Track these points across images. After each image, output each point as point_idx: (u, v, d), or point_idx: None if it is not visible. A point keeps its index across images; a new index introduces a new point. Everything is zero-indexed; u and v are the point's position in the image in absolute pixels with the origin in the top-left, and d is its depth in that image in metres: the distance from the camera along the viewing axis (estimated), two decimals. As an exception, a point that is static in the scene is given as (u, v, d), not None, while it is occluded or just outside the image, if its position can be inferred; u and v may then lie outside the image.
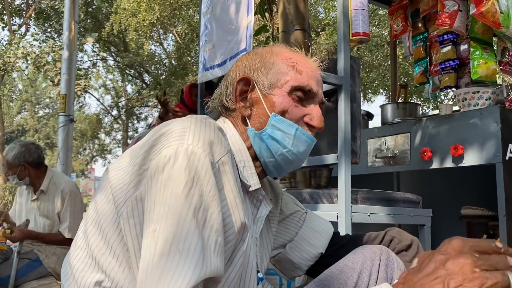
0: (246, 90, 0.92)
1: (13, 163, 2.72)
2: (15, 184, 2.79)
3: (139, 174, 0.74)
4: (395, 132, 2.62)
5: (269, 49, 0.96)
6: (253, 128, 0.90)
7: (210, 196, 0.71)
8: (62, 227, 2.70)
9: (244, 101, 0.92)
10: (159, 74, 16.51)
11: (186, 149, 0.72)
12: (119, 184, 0.77)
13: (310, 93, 0.92)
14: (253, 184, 0.88)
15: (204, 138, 0.75)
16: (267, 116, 0.89)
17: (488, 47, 2.43)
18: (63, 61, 5.09)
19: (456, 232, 2.80)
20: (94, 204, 0.80)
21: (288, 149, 0.89)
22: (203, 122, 0.78)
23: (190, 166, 0.71)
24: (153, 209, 0.69)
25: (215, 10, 2.31)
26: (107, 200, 0.77)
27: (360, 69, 1.92)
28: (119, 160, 0.82)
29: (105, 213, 0.77)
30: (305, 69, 0.92)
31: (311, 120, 0.91)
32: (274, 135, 0.88)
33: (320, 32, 12.83)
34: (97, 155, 23.53)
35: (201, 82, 2.45)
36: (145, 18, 11.68)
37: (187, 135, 0.74)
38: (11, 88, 21.62)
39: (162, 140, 0.75)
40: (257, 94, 0.91)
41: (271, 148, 0.89)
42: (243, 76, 0.92)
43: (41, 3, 14.50)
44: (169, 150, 0.72)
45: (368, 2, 2.20)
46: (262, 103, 0.90)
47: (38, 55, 10.26)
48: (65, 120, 4.85)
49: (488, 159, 2.13)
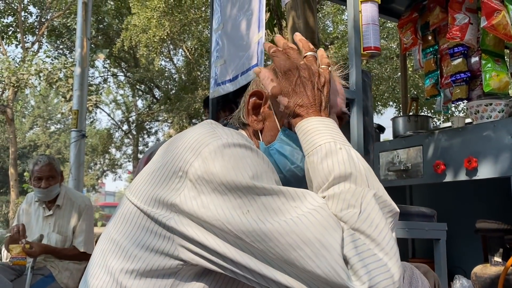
0: (259, 104, 0.90)
1: (58, 172, 2.75)
2: (41, 198, 2.75)
3: (173, 182, 0.70)
4: (407, 145, 2.61)
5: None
6: (263, 142, 0.88)
7: (271, 170, 0.72)
8: (76, 241, 2.72)
9: (257, 115, 0.90)
10: (169, 89, 16.64)
11: (227, 141, 0.70)
12: (144, 198, 0.73)
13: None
14: None
15: (235, 134, 0.74)
16: (277, 130, 0.86)
17: (500, 60, 2.42)
18: (75, 78, 5.17)
19: (471, 246, 2.76)
20: (113, 222, 0.78)
21: (296, 165, 0.85)
22: (224, 128, 0.78)
23: (239, 152, 0.69)
24: (228, 199, 0.66)
25: (226, 26, 2.34)
26: (128, 219, 0.75)
27: (371, 82, 1.92)
28: (137, 180, 0.78)
29: (125, 231, 0.74)
30: None
31: None
32: (282, 150, 0.85)
33: (328, 46, 12.88)
34: (108, 169, 23.65)
35: (212, 97, 2.47)
36: (156, 34, 11.82)
37: (219, 134, 0.72)
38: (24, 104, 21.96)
39: (193, 143, 0.71)
40: (270, 108, 0.89)
41: (279, 163, 0.85)
42: (256, 90, 0.90)
43: (53, 21, 14.78)
44: (210, 146, 0.69)
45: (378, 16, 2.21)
46: (273, 116, 0.87)
47: (51, 72, 10.42)
48: (77, 136, 4.90)
49: (502, 172, 2.11)
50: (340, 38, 12.76)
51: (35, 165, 2.71)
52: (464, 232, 2.68)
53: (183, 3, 11.82)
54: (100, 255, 0.79)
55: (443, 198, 2.94)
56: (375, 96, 13.53)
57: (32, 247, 2.51)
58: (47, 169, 2.70)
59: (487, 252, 2.37)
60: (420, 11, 3.19)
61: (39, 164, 2.70)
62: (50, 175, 2.71)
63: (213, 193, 0.67)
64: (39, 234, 2.68)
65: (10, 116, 13.11)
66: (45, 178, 2.69)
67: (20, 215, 2.88)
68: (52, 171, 2.72)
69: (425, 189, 3.06)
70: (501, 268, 2.13)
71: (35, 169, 2.70)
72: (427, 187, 3.02)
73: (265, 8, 2.06)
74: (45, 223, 2.76)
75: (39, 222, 2.79)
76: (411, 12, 3.21)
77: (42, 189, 2.69)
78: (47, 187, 2.69)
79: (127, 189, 0.81)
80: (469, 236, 2.63)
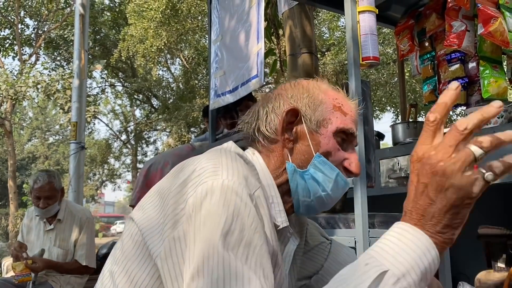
0: (292, 121, 0.89)
1: (58, 190, 2.72)
2: (42, 215, 2.72)
3: (175, 214, 0.72)
4: (408, 152, 2.61)
5: (316, 85, 0.93)
6: (293, 164, 0.87)
7: (252, 230, 0.69)
8: (78, 255, 2.71)
9: (289, 133, 0.88)
10: (167, 98, 16.67)
11: (222, 184, 0.71)
12: (150, 225, 0.75)
13: (352, 137, 0.90)
14: (281, 222, 0.85)
15: (238, 171, 0.74)
16: (310, 154, 0.86)
17: (498, 66, 2.43)
18: (73, 89, 5.17)
19: (474, 252, 2.75)
20: (121, 245, 0.80)
21: (327, 192, 0.86)
22: (233, 157, 0.77)
23: (229, 200, 0.69)
24: (193, 248, 0.68)
25: (225, 38, 2.35)
26: (134, 242, 0.77)
27: (370, 92, 1.92)
28: (144, 202, 0.81)
29: (132, 255, 0.76)
30: (350, 111, 0.91)
31: (350, 166, 0.89)
32: (316, 176, 0.86)
33: (325, 53, 12.93)
34: (107, 180, 23.62)
35: (212, 108, 2.47)
36: (153, 44, 11.87)
37: (220, 171, 0.73)
38: (22, 116, 21.94)
39: (195, 178, 0.73)
40: (304, 129, 0.88)
41: (311, 189, 0.86)
42: (292, 107, 0.88)
43: (50, 33, 14.82)
44: (205, 186, 0.71)
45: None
46: (307, 139, 0.87)
47: (48, 84, 10.43)
48: (77, 148, 4.90)
49: (504, 177, 2.11)
50: (336, 44, 12.82)
51: (35, 183, 2.68)
52: (467, 238, 2.67)
53: (179, 13, 11.87)
54: (109, 277, 0.81)
55: (445, 204, 2.94)
56: (373, 102, 13.57)
57: (35, 263, 2.50)
58: (47, 188, 2.67)
59: (490, 258, 2.36)
60: (416, 18, 3.21)
61: (39, 183, 2.66)
62: (49, 195, 2.68)
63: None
64: (40, 248, 2.67)
65: (8, 129, 13.11)
66: (44, 198, 2.67)
67: (22, 230, 2.87)
68: (51, 190, 2.69)
69: (426, 195, 3.06)
70: (505, 274, 2.13)
71: (35, 187, 2.67)
72: (428, 194, 3.02)
73: (263, 19, 2.08)
74: (46, 237, 2.75)
75: (40, 236, 2.78)
76: (408, 19, 3.23)
77: (40, 209, 2.68)
78: (45, 207, 2.68)
79: (135, 210, 0.82)
80: (472, 242, 2.62)
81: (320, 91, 0.91)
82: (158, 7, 11.40)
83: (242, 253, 0.67)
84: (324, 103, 0.89)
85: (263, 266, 0.68)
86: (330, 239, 1.12)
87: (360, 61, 1.81)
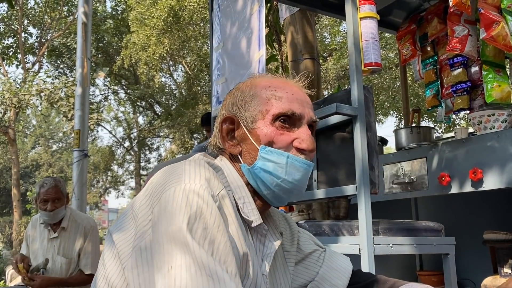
0: (232, 128, 0.93)
1: (64, 194, 2.74)
2: (47, 221, 2.73)
3: (144, 225, 0.77)
4: (411, 157, 2.60)
5: (249, 82, 0.96)
6: (245, 164, 0.90)
7: (215, 228, 0.73)
8: (82, 263, 2.70)
9: (232, 140, 0.93)
10: (170, 104, 16.70)
11: (184, 188, 0.75)
12: (123, 239, 0.80)
13: (294, 117, 0.90)
14: (254, 220, 0.88)
15: (200, 175, 0.78)
16: (256, 150, 0.89)
17: (501, 70, 2.43)
18: (76, 97, 5.19)
19: (480, 257, 2.73)
20: (102, 261, 0.84)
21: (282, 178, 0.88)
22: (197, 163, 0.82)
23: (191, 202, 0.73)
24: (162, 252, 0.71)
25: (226, 45, 2.35)
26: (113, 256, 0.81)
27: (373, 98, 1.92)
28: (121, 218, 0.86)
29: (111, 269, 0.80)
30: (285, 93, 0.91)
31: (300, 144, 0.89)
32: (266, 167, 0.88)
33: (327, 58, 12.94)
34: (110, 187, 23.62)
35: (214, 115, 2.47)
36: (155, 51, 11.90)
37: (183, 177, 0.78)
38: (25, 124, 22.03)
39: (159, 187, 0.78)
40: (243, 131, 0.91)
41: (266, 180, 0.88)
42: (226, 116, 0.93)
43: (53, 41, 14.90)
44: (168, 192, 0.75)
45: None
46: (249, 138, 0.90)
47: (52, 92, 10.47)
48: (80, 155, 4.91)
49: (508, 182, 2.10)
50: (338, 49, 12.82)
51: (41, 187, 2.69)
52: (472, 243, 2.65)
53: (181, 20, 11.92)
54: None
55: (449, 210, 2.92)
56: (376, 106, 13.55)
57: (34, 280, 2.49)
58: (53, 191, 2.68)
59: (496, 263, 2.34)
60: (418, 22, 3.21)
61: (45, 186, 2.69)
62: (56, 198, 2.70)
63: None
64: (44, 258, 2.66)
65: (12, 137, 13.15)
66: (51, 200, 2.68)
67: (27, 240, 2.87)
68: (58, 193, 2.71)
69: (430, 201, 3.04)
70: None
71: (42, 191, 2.68)
72: (433, 199, 3.00)
73: (264, 26, 2.08)
74: (50, 245, 2.75)
75: (43, 245, 2.77)
76: (409, 23, 3.23)
77: (48, 212, 2.67)
78: (53, 210, 2.68)
79: (113, 226, 0.88)
80: (477, 248, 2.60)
81: (252, 87, 0.94)
82: (160, 15, 11.45)
83: (207, 250, 0.70)
84: (256, 97, 0.92)
85: (227, 263, 0.72)
86: (323, 247, 1.12)
87: (362, 68, 1.80)
